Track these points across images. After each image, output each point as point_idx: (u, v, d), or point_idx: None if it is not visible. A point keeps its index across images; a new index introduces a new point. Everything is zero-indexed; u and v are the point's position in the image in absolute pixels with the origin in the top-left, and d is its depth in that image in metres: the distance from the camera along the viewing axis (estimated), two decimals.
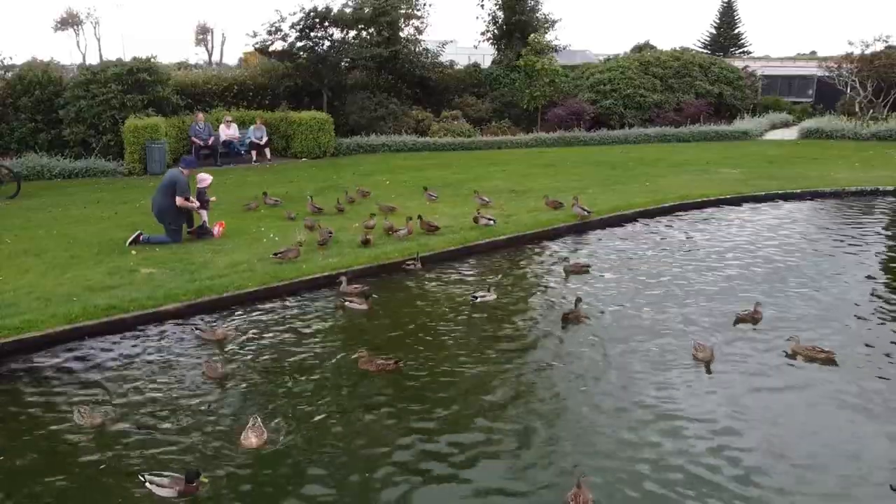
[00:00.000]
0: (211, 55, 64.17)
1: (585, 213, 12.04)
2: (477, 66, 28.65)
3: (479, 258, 10.48)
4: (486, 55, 30.87)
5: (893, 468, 5.04)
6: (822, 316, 7.92)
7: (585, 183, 15.45)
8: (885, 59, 24.96)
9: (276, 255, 9.67)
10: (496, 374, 6.61)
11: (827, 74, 27.34)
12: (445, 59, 27.40)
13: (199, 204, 11.20)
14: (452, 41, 28.94)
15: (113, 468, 5.16)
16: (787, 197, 14.34)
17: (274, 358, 7.01)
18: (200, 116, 19.55)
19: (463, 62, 29.57)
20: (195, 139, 19.15)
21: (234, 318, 8.09)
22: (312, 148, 20.93)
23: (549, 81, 24.31)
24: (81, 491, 4.95)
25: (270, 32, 22.45)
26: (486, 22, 27.66)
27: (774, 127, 27.26)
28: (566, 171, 17.58)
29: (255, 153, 20.08)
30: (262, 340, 7.46)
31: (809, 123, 25.45)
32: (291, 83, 22.98)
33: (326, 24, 22.68)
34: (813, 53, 51.87)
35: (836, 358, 6.69)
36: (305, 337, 7.54)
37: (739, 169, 17.30)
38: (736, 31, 64.36)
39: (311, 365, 6.85)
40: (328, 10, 22.52)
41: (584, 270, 9.62)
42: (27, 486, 4.99)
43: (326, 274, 9.16)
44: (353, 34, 23.85)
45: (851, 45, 27.43)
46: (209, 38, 65.04)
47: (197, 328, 7.60)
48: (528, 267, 10.20)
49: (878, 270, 9.66)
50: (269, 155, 20.37)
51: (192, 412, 5.94)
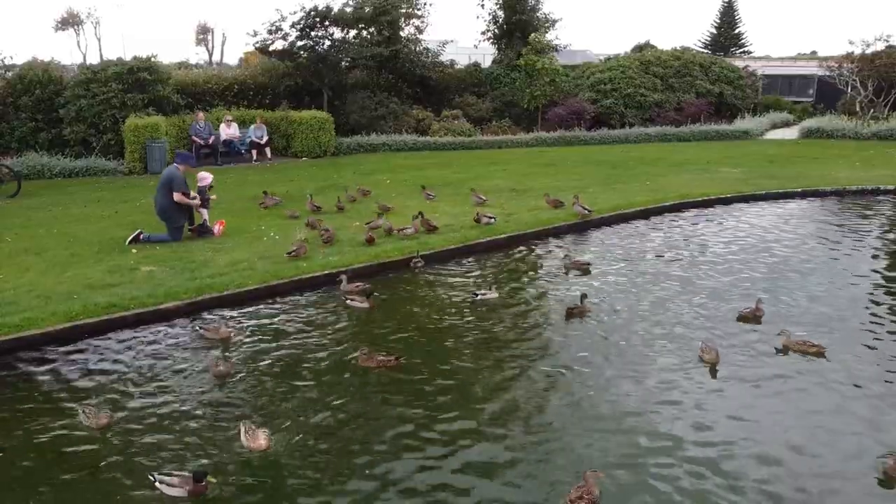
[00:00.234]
0: (211, 55, 64.34)
1: (586, 211, 12.04)
2: (477, 65, 28.66)
3: (479, 257, 10.48)
4: (486, 55, 30.90)
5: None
6: (823, 313, 7.92)
7: (586, 182, 15.45)
8: (885, 58, 24.98)
9: (289, 254, 9.70)
10: (497, 370, 6.61)
11: (827, 74, 27.32)
12: (446, 58, 27.39)
13: (199, 199, 11.20)
14: (453, 41, 29.00)
15: (118, 468, 5.15)
16: (787, 196, 14.35)
17: (276, 356, 7.01)
18: (201, 116, 19.56)
19: (463, 62, 29.58)
20: (196, 138, 19.16)
21: (235, 316, 8.09)
22: (313, 147, 20.92)
23: (549, 81, 24.30)
24: (84, 491, 4.93)
25: (271, 32, 22.46)
26: (486, 21, 27.75)
27: (775, 126, 27.26)
28: (567, 170, 17.58)
29: (255, 152, 20.09)
30: (263, 338, 7.46)
31: (810, 123, 25.46)
32: (292, 82, 22.98)
33: (327, 23, 22.69)
34: (813, 53, 51.99)
35: (825, 352, 6.73)
36: (307, 335, 7.54)
37: (740, 168, 17.30)
38: (736, 30, 64.46)
39: (313, 362, 6.85)
40: (329, 9, 22.53)
41: (584, 268, 9.63)
42: (27, 486, 4.99)
43: (327, 272, 9.17)
44: (353, 33, 23.88)
45: (852, 44, 27.59)
46: (209, 37, 65.30)
47: (200, 327, 7.60)
48: (528, 265, 10.20)
49: (878, 269, 9.66)
50: (269, 154, 20.38)
51: (195, 411, 5.93)
